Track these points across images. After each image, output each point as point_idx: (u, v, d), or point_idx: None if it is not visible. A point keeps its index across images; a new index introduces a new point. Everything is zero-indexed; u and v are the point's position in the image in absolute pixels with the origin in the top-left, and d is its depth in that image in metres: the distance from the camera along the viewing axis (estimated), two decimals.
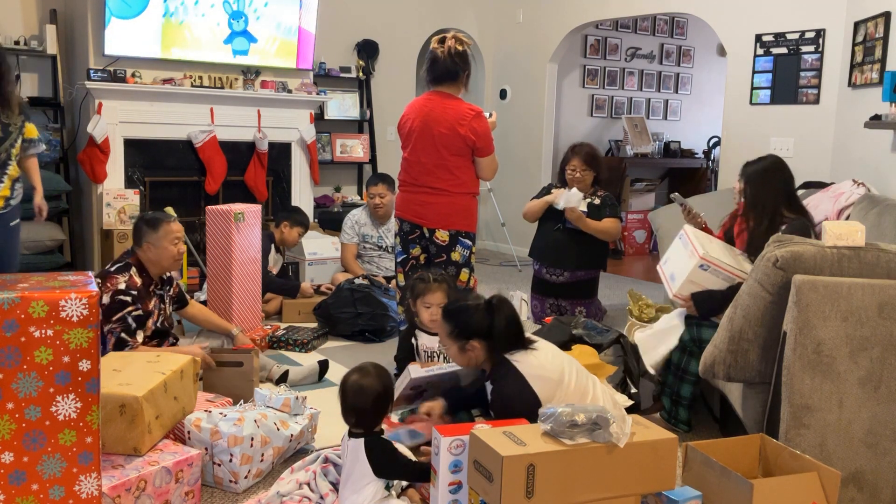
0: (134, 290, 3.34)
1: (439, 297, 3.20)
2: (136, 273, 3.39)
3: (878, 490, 2.50)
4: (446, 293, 3.22)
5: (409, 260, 3.74)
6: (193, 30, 5.82)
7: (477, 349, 2.67)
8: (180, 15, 5.72)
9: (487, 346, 2.66)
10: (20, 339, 1.94)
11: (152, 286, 3.48)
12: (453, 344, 2.71)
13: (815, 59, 5.53)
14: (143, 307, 3.37)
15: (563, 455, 2.06)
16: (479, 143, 3.62)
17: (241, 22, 6.04)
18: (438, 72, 3.64)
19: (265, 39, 6.18)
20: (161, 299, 3.50)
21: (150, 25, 5.61)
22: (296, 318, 4.92)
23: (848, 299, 2.45)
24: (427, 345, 3.25)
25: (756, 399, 2.74)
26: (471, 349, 2.67)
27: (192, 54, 5.87)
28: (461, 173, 3.63)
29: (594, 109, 8.69)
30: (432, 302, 3.21)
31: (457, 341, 2.69)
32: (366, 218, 5.43)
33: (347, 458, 2.40)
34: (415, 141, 3.68)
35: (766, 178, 3.33)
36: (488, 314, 2.65)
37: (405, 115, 3.79)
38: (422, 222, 3.69)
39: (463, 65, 3.64)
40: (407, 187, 3.76)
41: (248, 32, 6.09)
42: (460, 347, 2.69)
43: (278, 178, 6.51)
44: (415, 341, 3.28)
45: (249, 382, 3.36)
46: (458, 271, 3.67)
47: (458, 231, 3.65)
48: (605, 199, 4.76)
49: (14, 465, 1.99)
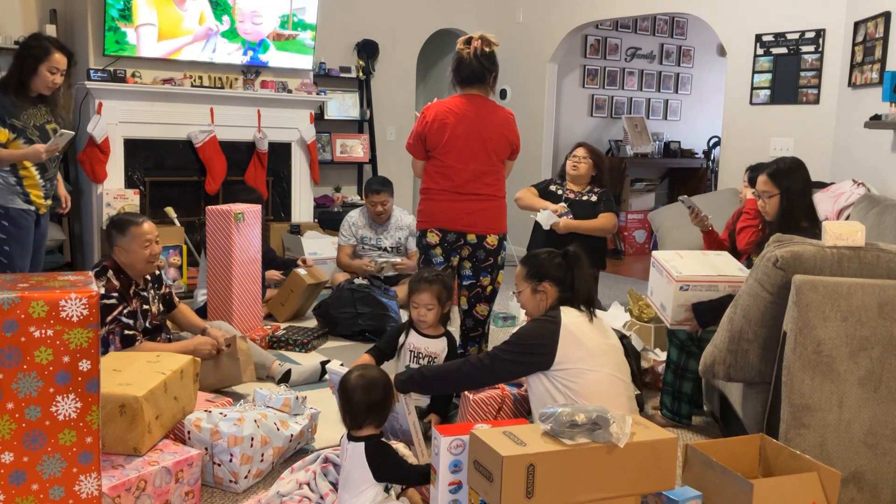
0: (115, 292, 3.25)
1: (426, 298, 3.19)
2: (113, 276, 3.28)
3: (878, 490, 2.50)
4: (436, 294, 3.20)
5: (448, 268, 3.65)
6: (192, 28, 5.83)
7: (548, 293, 2.80)
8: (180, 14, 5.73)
9: (559, 293, 2.79)
10: (20, 339, 1.94)
11: (133, 287, 3.36)
12: (527, 286, 2.85)
13: (815, 59, 5.53)
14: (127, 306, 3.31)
15: (563, 455, 2.06)
16: (518, 146, 3.63)
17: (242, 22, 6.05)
18: (464, 74, 3.51)
19: (265, 39, 6.19)
20: (145, 301, 3.40)
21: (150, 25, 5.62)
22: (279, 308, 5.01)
23: (848, 299, 2.45)
24: (414, 344, 3.24)
25: (756, 399, 2.74)
26: (543, 291, 2.80)
27: (193, 54, 5.87)
28: (501, 176, 3.60)
29: (594, 109, 8.69)
30: (419, 302, 3.20)
31: (530, 282, 2.83)
32: (364, 220, 5.41)
33: (346, 460, 2.40)
34: (461, 147, 3.48)
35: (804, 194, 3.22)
36: (565, 263, 2.81)
37: (438, 119, 3.49)
38: (473, 230, 3.53)
39: (490, 66, 3.51)
40: (448, 195, 3.51)
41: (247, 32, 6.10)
42: (533, 289, 2.82)
43: (278, 178, 6.51)
44: (403, 338, 3.27)
45: (236, 361, 3.40)
46: (497, 273, 3.64)
47: (503, 234, 3.63)
48: (601, 195, 4.69)
49: (14, 465, 1.99)
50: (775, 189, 3.23)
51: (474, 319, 3.65)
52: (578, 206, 4.60)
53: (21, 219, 3.76)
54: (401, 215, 5.43)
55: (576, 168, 4.69)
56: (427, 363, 3.20)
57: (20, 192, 3.76)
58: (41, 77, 3.75)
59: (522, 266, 2.89)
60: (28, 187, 3.79)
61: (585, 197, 4.67)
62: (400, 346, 3.27)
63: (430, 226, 3.56)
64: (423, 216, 3.59)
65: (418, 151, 3.58)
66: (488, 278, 3.60)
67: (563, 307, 2.75)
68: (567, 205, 4.60)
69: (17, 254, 3.74)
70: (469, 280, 3.60)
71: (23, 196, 3.77)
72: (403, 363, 3.23)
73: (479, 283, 3.59)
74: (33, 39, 3.85)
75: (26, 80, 3.76)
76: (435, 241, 3.55)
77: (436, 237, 3.55)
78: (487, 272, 3.58)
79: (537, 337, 2.69)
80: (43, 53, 3.73)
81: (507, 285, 5.38)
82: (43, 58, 3.73)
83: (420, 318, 3.21)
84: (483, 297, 3.62)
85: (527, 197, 4.77)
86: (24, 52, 3.78)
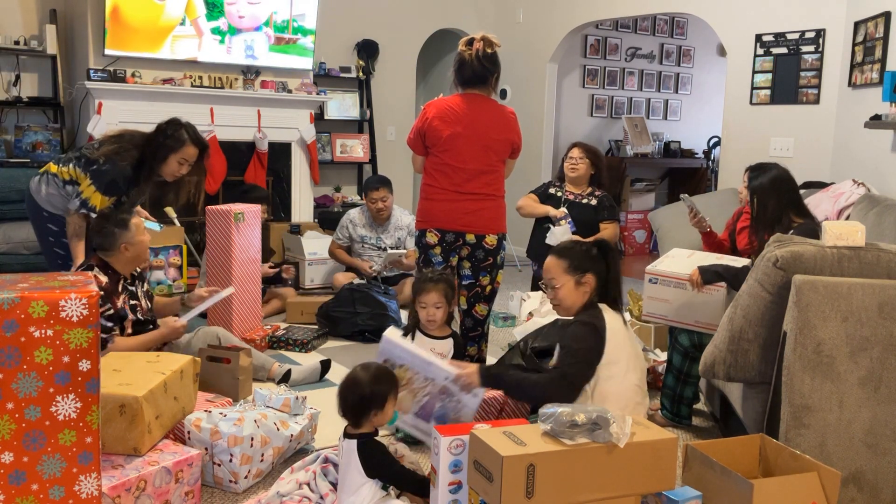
0: (101, 288, 3.22)
1: (434, 297, 3.19)
2: (99, 272, 3.29)
3: (878, 490, 2.50)
4: (443, 293, 3.21)
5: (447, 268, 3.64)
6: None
7: (591, 285, 2.78)
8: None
9: (598, 285, 2.79)
10: (20, 339, 1.94)
11: (121, 282, 3.37)
12: (570, 278, 2.79)
13: (815, 59, 5.53)
14: (112, 305, 3.30)
15: (563, 455, 2.06)
16: (519, 145, 3.63)
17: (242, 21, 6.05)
18: (466, 75, 3.50)
19: (266, 38, 6.19)
20: (133, 295, 3.41)
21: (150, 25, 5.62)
22: (298, 317, 4.92)
23: (848, 299, 2.45)
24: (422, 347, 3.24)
25: (756, 399, 2.74)
26: (586, 283, 2.77)
27: (192, 54, 5.87)
28: (501, 176, 3.60)
29: (594, 109, 8.69)
30: (427, 302, 3.20)
31: (574, 275, 2.78)
32: (363, 219, 5.41)
33: (342, 458, 2.41)
34: (461, 147, 3.48)
35: (772, 190, 3.38)
36: (601, 255, 2.82)
37: (437, 118, 3.50)
38: (471, 230, 3.53)
39: (492, 67, 3.50)
40: (447, 194, 3.52)
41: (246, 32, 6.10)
42: (577, 281, 2.78)
43: (278, 178, 6.51)
44: (411, 341, 3.27)
45: (235, 381, 3.33)
46: (496, 273, 3.64)
47: (502, 234, 3.62)
48: (603, 201, 4.63)
49: (14, 465, 1.99)
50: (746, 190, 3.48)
51: (474, 319, 3.64)
52: (577, 209, 4.56)
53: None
54: (400, 215, 5.43)
55: (574, 170, 4.66)
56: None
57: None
58: (169, 166, 3.72)
59: (560, 259, 2.83)
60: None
61: (585, 200, 4.63)
62: None
63: (430, 226, 3.56)
64: (423, 216, 3.59)
65: (418, 147, 3.58)
66: (487, 278, 3.60)
67: (602, 305, 2.76)
68: (567, 207, 4.59)
69: (76, 252, 3.70)
70: (468, 280, 3.60)
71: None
72: None
73: (479, 283, 3.59)
74: (172, 126, 3.75)
75: (156, 168, 3.72)
76: (434, 240, 3.55)
77: (435, 237, 3.54)
78: (487, 272, 3.58)
79: (590, 340, 2.68)
80: (178, 144, 3.70)
81: (507, 285, 5.32)
82: (177, 148, 3.70)
83: (429, 319, 3.20)
84: (482, 296, 3.62)
85: (528, 205, 4.76)
86: (159, 138, 3.72)
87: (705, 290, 3.23)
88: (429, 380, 2.85)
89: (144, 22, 5.64)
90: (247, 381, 3.45)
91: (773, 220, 3.34)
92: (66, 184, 3.71)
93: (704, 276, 3.20)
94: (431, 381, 2.84)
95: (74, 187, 3.69)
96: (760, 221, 3.39)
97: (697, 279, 3.21)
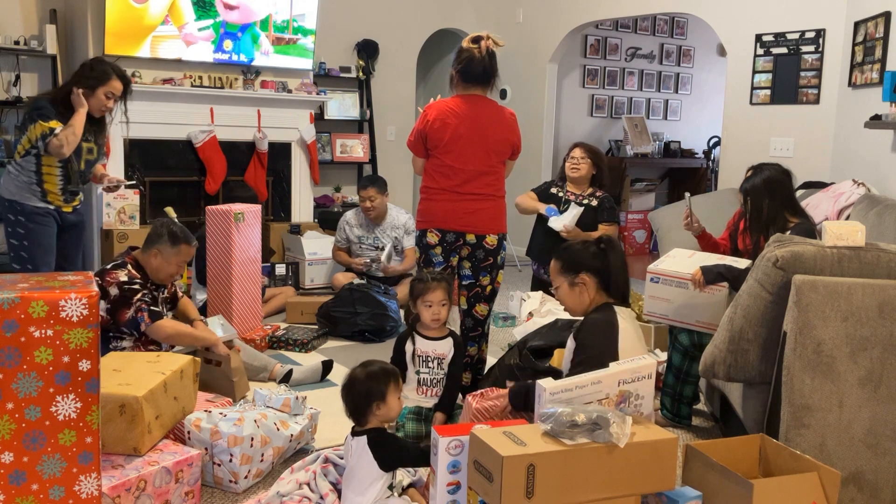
0: (137, 280, 3.45)
1: (440, 296, 3.19)
2: (133, 268, 3.50)
3: (878, 490, 2.50)
4: (446, 291, 3.22)
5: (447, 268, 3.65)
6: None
7: (588, 284, 2.74)
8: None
9: (598, 284, 2.74)
10: (20, 339, 1.94)
11: (148, 284, 3.54)
12: (564, 280, 2.78)
13: (815, 59, 5.53)
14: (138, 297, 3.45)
15: (563, 455, 2.05)
16: (519, 147, 3.63)
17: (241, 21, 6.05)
18: (476, 73, 3.47)
19: (265, 39, 6.19)
20: (155, 301, 3.54)
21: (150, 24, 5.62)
22: (298, 317, 4.92)
23: (848, 299, 2.44)
24: (422, 349, 3.24)
25: (756, 399, 2.74)
26: (581, 282, 2.74)
27: (192, 54, 5.87)
28: (501, 176, 3.60)
29: (594, 109, 8.69)
30: (433, 300, 3.20)
31: (567, 276, 2.76)
32: (358, 219, 5.41)
33: (351, 457, 2.40)
34: (461, 147, 3.47)
35: (765, 191, 3.39)
36: (600, 251, 2.76)
37: (439, 119, 3.47)
38: (471, 230, 3.52)
39: (496, 65, 3.52)
40: (447, 195, 3.51)
41: (246, 31, 6.10)
42: (570, 283, 2.76)
43: (278, 178, 6.51)
44: (411, 346, 3.27)
45: (229, 382, 3.39)
46: (497, 273, 3.64)
47: (503, 234, 3.62)
48: (603, 202, 4.65)
49: (14, 465, 1.99)
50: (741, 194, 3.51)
51: (474, 319, 3.64)
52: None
53: (37, 216, 3.74)
54: (396, 214, 5.43)
55: (576, 170, 4.67)
56: (436, 365, 3.22)
57: (38, 192, 3.74)
58: (97, 99, 3.80)
59: (556, 260, 2.83)
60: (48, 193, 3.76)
61: (587, 200, 4.65)
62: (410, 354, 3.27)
63: (430, 226, 3.56)
64: (423, 216, 3.59)
65: (419, 149, 3.58)
66: (488, 278, 3.60)
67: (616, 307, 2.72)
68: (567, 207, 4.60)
69: (37, 254, 3.73)
70: (468, 280, 3.60)
71: (40, 195, 3.75)
72: (414, 370, 3.25)
73: (479, 283, 3.59)
74: (97, 63, 3.89)
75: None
76: (434, 240, 3.55)
77: (435, 237, 3.54)
78: (487, 272, 3.58)
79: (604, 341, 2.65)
80: (105, 77, 3.79)
81: (507, 285, 5.33)
82: (104, 81, 3.78)
83: (435, 317, 3.20)
84: (483, 296, 3.62)
85: (525, 201, 4.77)
86: (84, 73, 3.82)
87: (707, 290, 3.22)
88: None
89: (144, 22, 5.64)
90: (241, 381, 3.47)
91: (768, 221, 3.35)
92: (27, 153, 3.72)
93: (707, 277, 3.20)
94: None
95: (35, 147, 3.70)
96: (755, 223, 3.40)
97: (700, 279, 3.21)
